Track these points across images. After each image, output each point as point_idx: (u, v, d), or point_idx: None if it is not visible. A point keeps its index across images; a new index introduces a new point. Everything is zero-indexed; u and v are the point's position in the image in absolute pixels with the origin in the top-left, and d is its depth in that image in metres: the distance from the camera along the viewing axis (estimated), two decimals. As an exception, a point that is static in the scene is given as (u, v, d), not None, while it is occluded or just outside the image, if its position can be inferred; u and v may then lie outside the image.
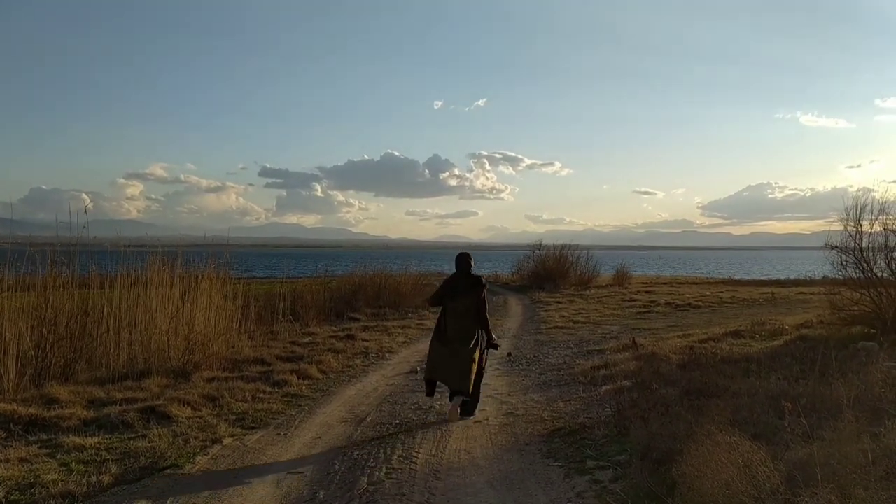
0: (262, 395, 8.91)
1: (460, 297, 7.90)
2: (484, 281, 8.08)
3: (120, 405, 7.91)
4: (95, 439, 6.75)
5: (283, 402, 8.73)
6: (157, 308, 10.40)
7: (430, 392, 8.06)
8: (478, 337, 7.89)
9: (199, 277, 11.28)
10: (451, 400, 7.86)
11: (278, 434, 7.20)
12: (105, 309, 10.32)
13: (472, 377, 7.73)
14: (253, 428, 7.43)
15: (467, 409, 7.86)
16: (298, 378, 9.99)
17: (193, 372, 9.82)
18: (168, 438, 6.83)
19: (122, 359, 10.03)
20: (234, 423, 7.55)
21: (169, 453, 6.34)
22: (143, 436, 6.90)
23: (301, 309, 16.90)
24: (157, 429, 7.09)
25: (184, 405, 8.01)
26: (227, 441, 6.86)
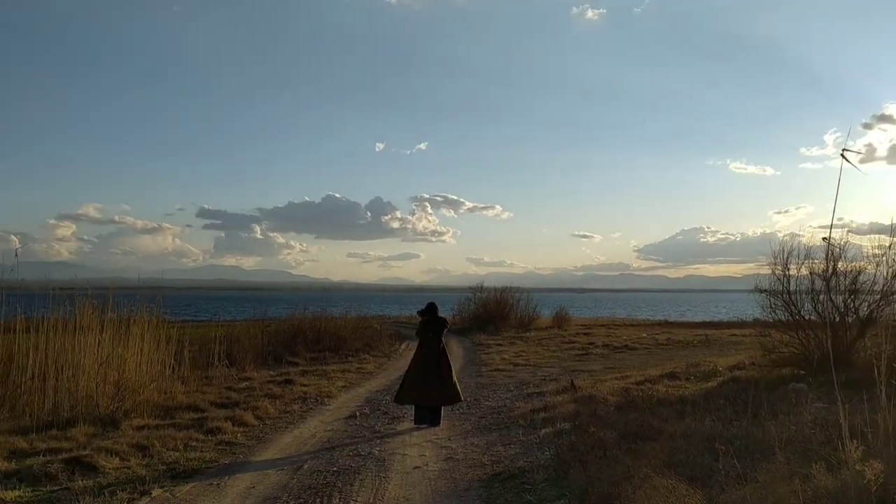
0: (194, 444, 8.64)
1: (432, 333, 10.38)
2: (447, 321, 10.83)
3: (43, 456, 7.58)
4: (16, 493, 6.44)
5: (217, 450, 8.47)
6: (86, 353, 10.03)
7: (420, 418, 9.89)
8: (445, 358, 10.34)
9: (131, 321, 10.96)
10: (421, 418, 9.87)
11: (210, 484, 6.96)
12: (31, 355, 9.90)
13: (457, 386, 10.28)
14: (184, 478, 7.17)
15: (437, 419, 9.93)
16: (233, 425, 9.72)
17: (123, 420, 9.48)
18: (93, 491, 6.54)
19: (48, 406, 9.61)
20: (165, 474, 7.28)
21: (94, 507, 6.07)
22: (67, 488, 6.60)
23: (238, 353, 16.49)
24: (81, 481, 6.79)
25: (111, 455, 7.70)
26: (155, 493, 6.60)
